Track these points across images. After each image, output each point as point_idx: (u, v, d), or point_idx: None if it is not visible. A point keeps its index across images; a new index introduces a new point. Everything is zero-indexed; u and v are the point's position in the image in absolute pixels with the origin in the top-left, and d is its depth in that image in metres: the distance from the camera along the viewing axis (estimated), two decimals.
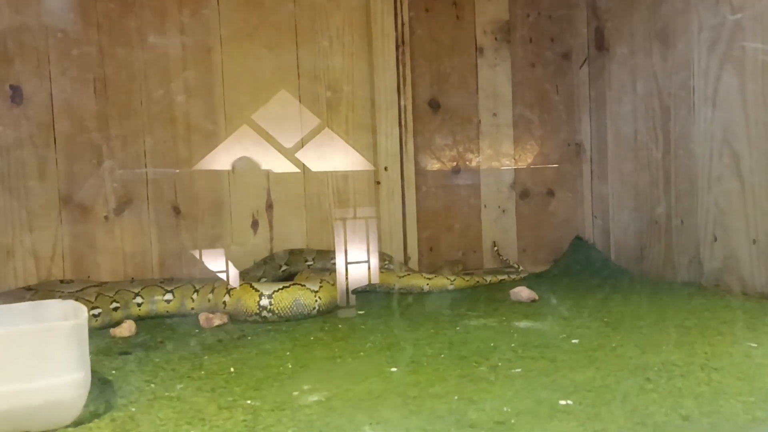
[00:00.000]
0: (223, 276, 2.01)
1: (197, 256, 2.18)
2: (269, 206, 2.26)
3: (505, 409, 1.06)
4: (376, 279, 2.14)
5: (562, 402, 1.08)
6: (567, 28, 2.61)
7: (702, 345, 1.40)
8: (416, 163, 2.40)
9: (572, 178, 2.62)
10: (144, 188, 2.14)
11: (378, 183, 2.35)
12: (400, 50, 2.33)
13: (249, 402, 1.14)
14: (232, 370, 1.36)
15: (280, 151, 2.24)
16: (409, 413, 1.06)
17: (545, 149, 2.60)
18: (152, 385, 1.26)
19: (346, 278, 2.19)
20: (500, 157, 2.54)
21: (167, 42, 2.15)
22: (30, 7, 2.01)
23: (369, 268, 2.13)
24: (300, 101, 2.28)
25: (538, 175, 2.59)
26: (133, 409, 1.13)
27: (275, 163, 2.24)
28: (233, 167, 2.22)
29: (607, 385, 1.16)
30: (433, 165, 2.47)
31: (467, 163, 2.50)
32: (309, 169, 2.27)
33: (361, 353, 1.46)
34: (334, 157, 2.30)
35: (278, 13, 2.26)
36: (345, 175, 2.33)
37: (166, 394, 1.21)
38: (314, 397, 1.15)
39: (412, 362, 1.36)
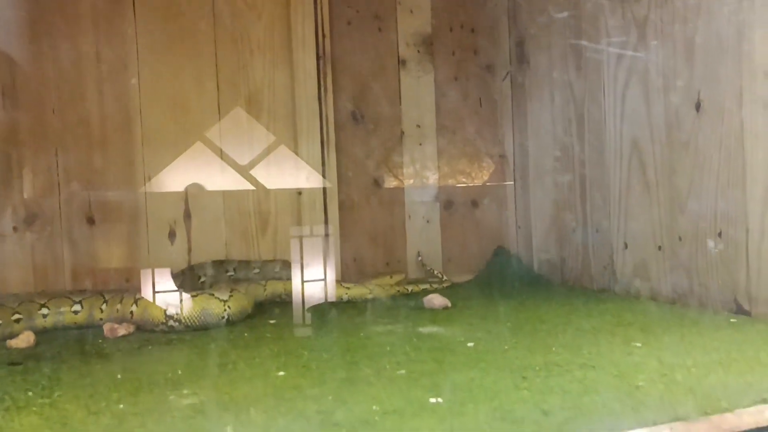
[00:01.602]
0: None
1: (111, 268, 2.14)
2: (187, 216, 2.24)
3: (374, 408, 1.06)
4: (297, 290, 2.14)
5: (432, 400, 1.09)
6: (489, 41, 2.65)
7: (590, 346, 1.42)
8: (339, 174, 2.41)
9: (496, 189, 2.66)
10: (56, 198, 2.11)
11: (299, 193, 2.35)
12: (321, 61, 2.35)
13: (121, 407, 1.12)
14: (118, 377, 1.33)
15: (198, 161, 2.22)
16: (278, 414, 1.06)
17: (469, 160, 2.63)
18: (29, 394, 1.23)
19: (265, 288, 2.18)
20: (424, 169, 2.56)
21: (81, 50, 2.13)
22: None
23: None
24: (219, 112, 2.27)
25: (462, 186, 2.62)
26: None
27: (193, 173, 2.23)
28: (149, 177, 2.19)
29: (483, 385, 1.17)
30: (356, 176, 2.47)
31: (391, 174, 2.52)
32: (228, 179, 2.26)
33: (256, 359, 1.44)
34: (255, 167, 2.29)
35: (197, 24, 2.25)
36: (266, 185, 2.32)
37: (40, 401, 1.18)
38: (188, 401, 1.14)
39: (302, 367, 1.36)
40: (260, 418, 1.04)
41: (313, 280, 2.28)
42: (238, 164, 2.27)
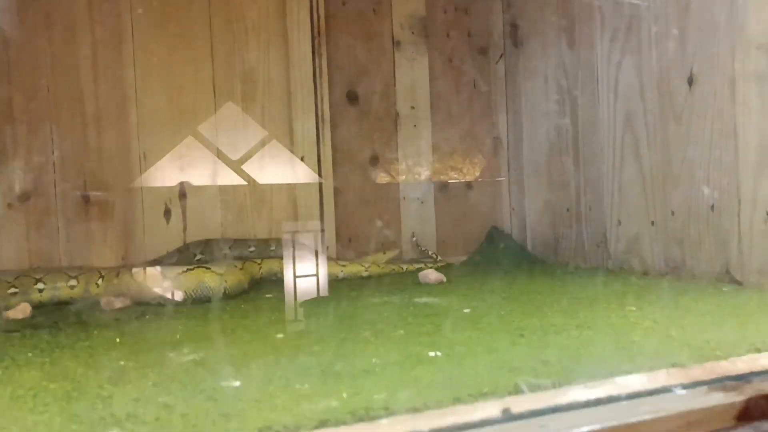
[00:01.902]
0: None
1: (107, 245, 2.14)
2: (182, 195, 2.24)
3: (374, 361, 1.07)
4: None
5: (431, 354, 1.10)
6: (483, 23, 2.67)
7: (585, 311, 1.44)
8: (334, 154, 2.42)
9: (490, 170, 2.67)
10: (51, 176, 2.10)
11: (295, 174, 2.36)
12: (316, 41, 2.35)
13: (121, 363, 1.13)
14: (117, 340, 1.34)
15: (193, 140, 2.23)
16: (278, 368, 1.07)
17: (463, 142, 2.64)
18: (29, 355, 1.24)
19: (260, 266, 2.19)
20: (418, 150, 2.57)
21: (75, 28, 2.13)
22: None
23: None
24: (214, 90, 2.28)
25: (456, 167, 2.63)
26: (0, 372, 1.10)
27: (188, 151, 2.23)
28: (145, 155, 2.19)
29: (481, 342, 1.19)
30: (352, 156, 2.48)
31: (386, 154, 2.53)
32: (224, 157, 2.26)
33: (254, 326, 1.45)
34: (250, 145, 2.29)
35: (192, 3, 2.25)
36: (261, 165, 2.32)
37: (40, 360, 1.18)
38: (189, 357, 1.15)
39: (301, 331, 1.38)
40: (261, 371, 1.05)
41: (308, 264, 2.28)
42: (233, 142, 2.27)
